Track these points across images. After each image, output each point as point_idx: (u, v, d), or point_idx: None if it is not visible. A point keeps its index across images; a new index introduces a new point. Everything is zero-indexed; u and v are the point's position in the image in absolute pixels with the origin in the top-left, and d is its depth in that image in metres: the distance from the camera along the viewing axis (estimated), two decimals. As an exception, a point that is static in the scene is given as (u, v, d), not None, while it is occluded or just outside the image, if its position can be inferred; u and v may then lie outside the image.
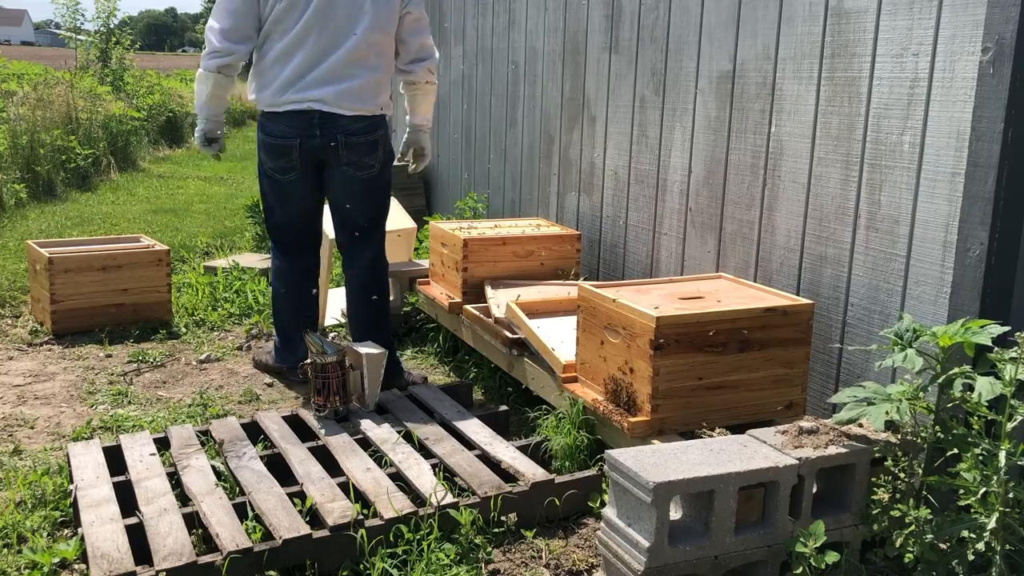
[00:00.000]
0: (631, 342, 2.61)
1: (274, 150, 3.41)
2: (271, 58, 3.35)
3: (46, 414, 3.39)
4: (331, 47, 3.30)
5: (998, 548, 1.87)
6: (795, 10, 2.90)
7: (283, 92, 3.33)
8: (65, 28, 14.50)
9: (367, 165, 3.41)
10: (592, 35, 4.07)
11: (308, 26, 3.28)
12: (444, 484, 2.53)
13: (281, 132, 3.36)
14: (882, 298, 2.64)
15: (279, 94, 3.34)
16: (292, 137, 3.35)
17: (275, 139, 3.39)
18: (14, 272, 5.27)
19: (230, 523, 2.29)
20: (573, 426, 2.83)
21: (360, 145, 3.37)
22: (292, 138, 3.35)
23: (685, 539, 2.03)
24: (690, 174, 3.46)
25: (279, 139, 3.38)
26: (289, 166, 3.41)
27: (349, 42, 3.30)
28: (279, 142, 3.38)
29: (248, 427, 2.92)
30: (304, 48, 3.30)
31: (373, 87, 3.37)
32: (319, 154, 3.39)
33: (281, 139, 3.37)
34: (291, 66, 3.31)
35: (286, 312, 3.67)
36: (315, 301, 3.72)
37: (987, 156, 2.27)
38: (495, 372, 3.70)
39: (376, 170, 3.45)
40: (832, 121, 2.78)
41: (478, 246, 3.78)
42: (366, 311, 3.56)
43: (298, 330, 3.64)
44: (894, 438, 2.19)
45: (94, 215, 7.40)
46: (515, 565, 2.34)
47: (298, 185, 3.47)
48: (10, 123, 8.31)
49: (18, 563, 2.31)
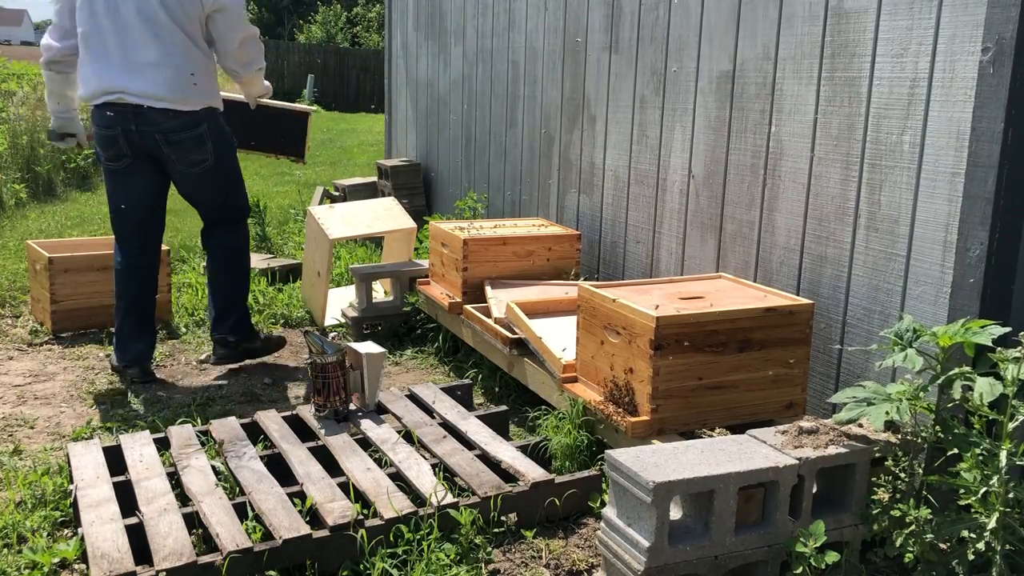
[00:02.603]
0: (631, 342, 2.61)
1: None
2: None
3: (46, 414, 3.39)
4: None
5: (998, 548, 1.87)
6: (795, 10, 2.90)
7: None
8: (65, 28, 14.46)
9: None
10: (592, 35, 4.07)
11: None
12: (444, 484, 2.53)
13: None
14: (882, 298, 2.64)
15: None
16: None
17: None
18: (14, 272, 5.27)
19: (230, 523, 2.29)
20: (573, 426, 2.83)
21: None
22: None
23: (685, 539, 2.03)
24: (690, 174, 3.46)
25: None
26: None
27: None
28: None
29: (248, 427, 2.92)
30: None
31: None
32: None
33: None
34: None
35: (116, 308, 3.71)
36: (148, 304, 3.72)
37: (987, 156, 2.27)
38: (495, 372, 3.70)
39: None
40: (832, 121, 2.78)
41: (478, 246, 3.78)
42: (229, 284, 3.82)
43: (128, 331, 3.67)
44: (894, 438, 2.19)
45: (94, 215, 7.40)
46: (515, 565, 2.34)
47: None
48: (10, 123, 8.31)
49: (18, 563, 2.31)
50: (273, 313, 4.67)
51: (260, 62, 3.75)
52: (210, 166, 3.58)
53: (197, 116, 3.50)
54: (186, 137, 3.49)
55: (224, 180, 3.70)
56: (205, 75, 3.54)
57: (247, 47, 3.63)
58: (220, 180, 3.68)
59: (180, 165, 3.55)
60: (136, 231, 3.67)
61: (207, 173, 3.60)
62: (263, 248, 6.07)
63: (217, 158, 3.59)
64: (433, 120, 6.11)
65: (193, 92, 3.48)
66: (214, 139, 3.57)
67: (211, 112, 3.57)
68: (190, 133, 3.49)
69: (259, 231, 6.14)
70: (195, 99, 3.49)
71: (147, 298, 3.70)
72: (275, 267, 5.36)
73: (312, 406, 3.01)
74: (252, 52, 3.68)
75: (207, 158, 3.56)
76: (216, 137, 3.59)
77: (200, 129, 3.52)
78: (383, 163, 6.64)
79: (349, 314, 4.33)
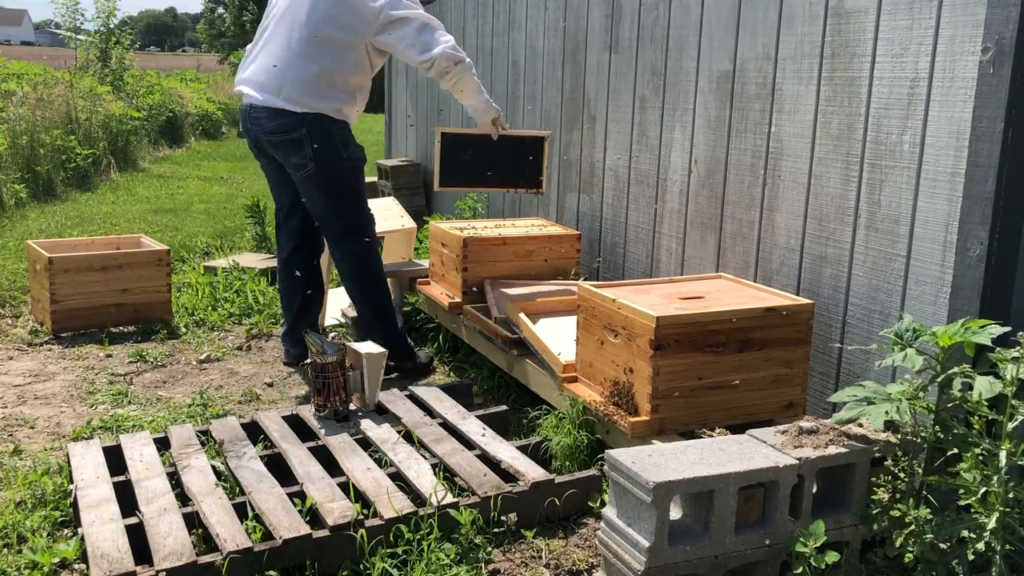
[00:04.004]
0: (631, 342, 2.61)
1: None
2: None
3: (46, 414, 3.39)
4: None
5: (998, 548, 1.87)
6: (795, 10, 2.90)
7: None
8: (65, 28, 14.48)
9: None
10: (592, 35, 4.07)
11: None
12: (444, 484, 2.53)
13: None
14: (882, 298, 2.64)
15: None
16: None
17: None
18: (14, 272, 5.27)
19: (230, 523, 2.29)
20: (573, 426, 2.83)
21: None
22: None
23: (685, 539, 2.03)
24: (690, 174, 3.46)
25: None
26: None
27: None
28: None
29: (248, 427, 2.92)
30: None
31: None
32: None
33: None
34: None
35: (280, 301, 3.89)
36: (298, 291, 3.81)
37: (987, 156, 2.27)
38: (495, 372, 3.70)
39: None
40: (832, 121, 2.78)
41: (478, 246, 3.78)
42: (360, 307, 3.75)
43: (291, 324, 3.81)
44: (894, 438, 2.19)
45: (94, 215, 7.40)
46: (515, 565, 2.34)
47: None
48: (10, 123, 8.31)
49: (18, 563, 2.31)
50: (273, 313, 4.68)
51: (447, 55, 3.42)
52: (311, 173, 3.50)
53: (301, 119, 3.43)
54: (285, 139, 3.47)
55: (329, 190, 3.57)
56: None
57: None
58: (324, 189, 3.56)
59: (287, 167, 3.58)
60: (277, 230, 3.84)
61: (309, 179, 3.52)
62: (263, 248, 6.07)
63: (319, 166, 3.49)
64: (433, 120, 6.11)
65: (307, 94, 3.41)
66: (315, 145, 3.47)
67: (319, 118, 3.45)
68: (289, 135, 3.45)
69: (259, 231, 6.15)
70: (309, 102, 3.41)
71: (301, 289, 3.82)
72: (275, 267, 5.35)
73: (312, 406, 3.01)
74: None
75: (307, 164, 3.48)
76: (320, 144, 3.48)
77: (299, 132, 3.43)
78: (383, 163, 6.64)
79: (349, 314, 4.32)
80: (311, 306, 3.85)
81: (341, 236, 3.61)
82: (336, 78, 3.43)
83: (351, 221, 3.60)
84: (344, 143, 3.50)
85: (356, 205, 3.61)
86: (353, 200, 3.59)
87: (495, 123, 3.63)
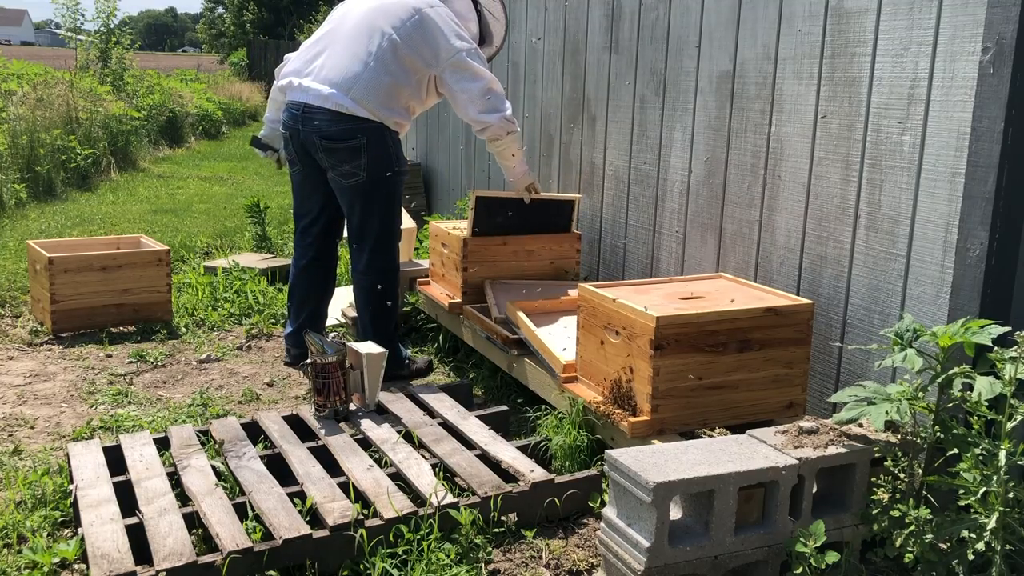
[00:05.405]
0: (631, 342, 2.61)
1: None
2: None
3: (46, 414, 3.39)
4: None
5: (998, 548, 1.87)
6: (795, 10, 2.90)
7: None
8: (65, 28, 14.49)
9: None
10: (592, 35, 4.07)
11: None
12: (444, 484, 2.53)
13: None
14: (882, 298, 2.64)
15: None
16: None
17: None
18: (14, 272, 5.27)
19: (230, 523, 2.29)
20: (573, 426, 2.83)
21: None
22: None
23: (685, 539, 2.03)
24: (690, 174, 3.46)
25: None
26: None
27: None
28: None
29: (248, 427, 2.92)
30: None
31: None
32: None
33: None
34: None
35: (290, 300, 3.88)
36: (311, 299, 3.83)
37: (987, 156, 2.27)
38: (495, 372, 3.70)
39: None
40: (832, 121, 2.78)
41: (478, 246, 3.78)
42: (362, 312, 3.71)
43: (297, 327, 3.82)
44: (894, 438, 2.19)
45: (94, 215, 7.40)
46: (515, 565, 2.34)
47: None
48: (10, 123, 8.31)
49: (18, 563, 2.31)
50: (273, 313, 4.68)
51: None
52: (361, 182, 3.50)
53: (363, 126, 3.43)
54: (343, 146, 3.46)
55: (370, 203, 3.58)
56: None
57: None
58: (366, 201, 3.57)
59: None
60: (299, 235, 3.85)
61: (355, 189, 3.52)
62: (263, 248, 6.07)
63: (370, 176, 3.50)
64: (433, 120, 6.10)
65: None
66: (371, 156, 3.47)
67: (380, 128, 3.47)
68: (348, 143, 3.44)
69: (259, 231, 6.15)
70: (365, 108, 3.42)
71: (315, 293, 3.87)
72: (275, 267, 5.36)
73: (312, 406, 3.01)
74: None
75: (358, 173, 3.48)
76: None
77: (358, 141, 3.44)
78: (383, 163, 6.62)
79: (349, 314, 4.32)
80: (320, 316, 3.91)
81: (369, 247, 3.62)
82: (401, 93, 3.49)
83: (383, 232, 3.62)
84: (397, 156, 3.57)
85: (391, 221, 3.64)
86: (389, 215, 3.63)
87: (529, 189, 3.75)
